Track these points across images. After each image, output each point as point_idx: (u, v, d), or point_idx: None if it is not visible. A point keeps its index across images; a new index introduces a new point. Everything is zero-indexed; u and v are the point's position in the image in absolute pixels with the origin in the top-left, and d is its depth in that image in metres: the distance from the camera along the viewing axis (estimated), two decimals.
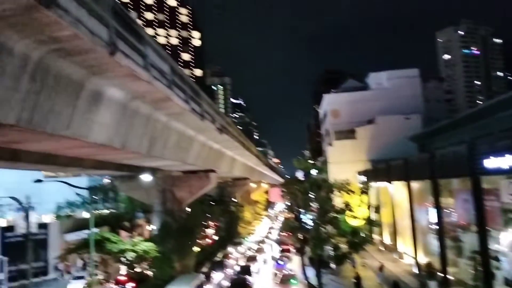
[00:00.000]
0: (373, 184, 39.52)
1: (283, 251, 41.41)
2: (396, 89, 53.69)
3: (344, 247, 24.23)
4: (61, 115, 9.52)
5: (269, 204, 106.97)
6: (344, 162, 47.98)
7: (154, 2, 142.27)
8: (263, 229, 68.63)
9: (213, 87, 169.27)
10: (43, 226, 36.27)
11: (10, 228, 33.26)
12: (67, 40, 7.71)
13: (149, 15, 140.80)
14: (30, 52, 7.60)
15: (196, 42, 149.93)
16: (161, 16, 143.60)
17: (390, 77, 55.78)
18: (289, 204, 30.09)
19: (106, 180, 44.58)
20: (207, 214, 44.03)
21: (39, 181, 26.90)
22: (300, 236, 26.61)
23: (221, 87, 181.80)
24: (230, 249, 44.19)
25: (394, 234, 33.83)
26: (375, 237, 39.28)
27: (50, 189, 39.41)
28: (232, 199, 57.77)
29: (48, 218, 41.62)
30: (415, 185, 28.20)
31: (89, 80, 10.15)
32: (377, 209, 32.38)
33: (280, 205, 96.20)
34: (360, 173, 44.41)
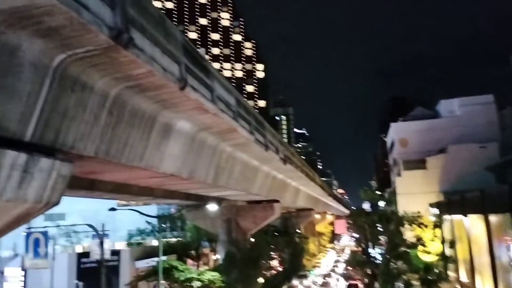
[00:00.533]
0: (447, 217, 37.18)
1: (350, 286, 39.78)
2: (469, 116, 50.80)
3: (416, 284, 22.80)
4: (135, 147, 10.08)
5: (335, 236, 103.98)
6: (414, 193, 45.68)
7: (220, 38, 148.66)
8: (328, 262, 66.57)
9: (276, 117, 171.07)
10: (115, 253, 37.92)
11: (86, 254, 35.12)
12: (142, 77, 8.24)
13: (215, 50, 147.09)
14: (109, 89, 8.19)
15: (260, 74, 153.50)
16: (227, 51, 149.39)
17: (462, 104, 52.99)
18: (356, 236, 29.06)
19: (174, 209, 45.98)
20: (271, 245, 43.70)
21: (113, 209, 28.33)
22: (368, 271, 25.50)
23: (284, 117, 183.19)
24: (295, 282, 43.24)
25: (471, 271, 31.25)
26: (451, 274, 36.57)
27: (122, 217, 41.34)
28: (297, 230, 56.95)
29: (120, 245, 43.52)
30: (493, 218, 26.11)
31: (161, 114, 10.70)
32: (452, 244, 30.30)
33: (346, 238, 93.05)
34: (432, 205, 41.99)
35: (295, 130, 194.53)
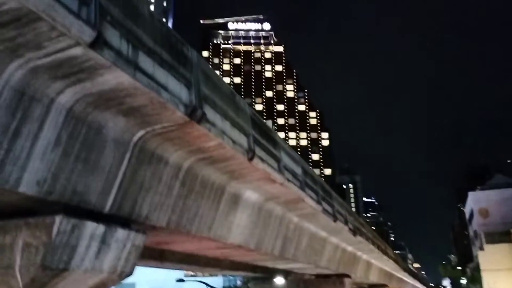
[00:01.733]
0: None
1: None
2: None
3: None
4: (205, 217, 10.25)
5: None
6: (500, 269, 41.32)
7: (286, 109, 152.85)
8: None
9: (343, 185, 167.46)
10: None
11: None
12: (213, 150, 8.57)
13: (281, 120, 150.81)
14: (182, 161, 8.58)
15: (325, 142, 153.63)
16: (292, 121, 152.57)
17: None
18: None
19: (240, 281, 45.06)
20: None
21: (181, 280, 28.38)
22: None
23: (351, 185, 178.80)
24: None
25: None
26: None
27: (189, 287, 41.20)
28: None
29: None
30: None
31: (229, 184, 10.92)
32: None
33: None
34: None
35: (364, 199, 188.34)
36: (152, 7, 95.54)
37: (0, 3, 4.25)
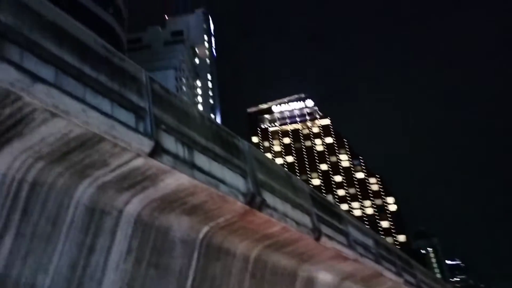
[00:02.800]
0: None
1: None
2: None
3: None
4: None
5: None
6: None
7: (344, 179, 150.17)
8: None
9: (421, 250, 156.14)
10: None
11: None
12: (278, 235, 8.44)
13: (341, 192, 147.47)
14: (249, 252, 8.48)
15: (392, 207, 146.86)
16: (352, 190, 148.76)
17: None
18: None
19: None
20: None
21: None
22: None
23: (430, 249, 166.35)
24: None
25: None
26: None
27: None
28: None
29: None
30: None
31: (300, 268, 10.53)
32: None
33: None
34: None
35: (447, 262, 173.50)
36: (200, 107, 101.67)
37: (67, 132, 4.71)
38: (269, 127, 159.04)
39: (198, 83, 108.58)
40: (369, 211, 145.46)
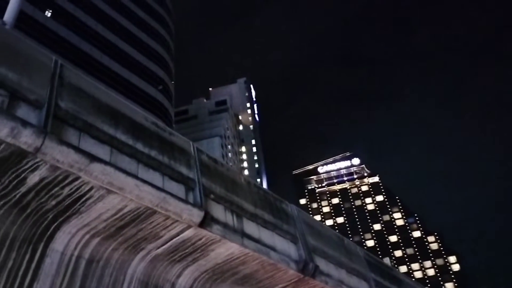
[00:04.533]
0: None
1: None
2: None
3: None
4: None
5: None
6: None
7: (399, 239, 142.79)
8: None
9: None
10: None
11: None
12: None
13: (398, 253, 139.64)
14: None
15: (455, 266, 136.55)
16: (410, 250, 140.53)
17: None
18: None
19: None
20: None
21: None
22: None
23: None
24: None
25: None
26: None
27: None
28: None
29: None
30: None
31: None
32: None
33: None
34: None
35: None
36: (246, 172, 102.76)
37: (122, 207, 4.88)
38: (316, 188, 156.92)
39: (243, 148, 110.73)
40: (431, 272, 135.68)
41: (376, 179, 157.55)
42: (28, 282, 4.60)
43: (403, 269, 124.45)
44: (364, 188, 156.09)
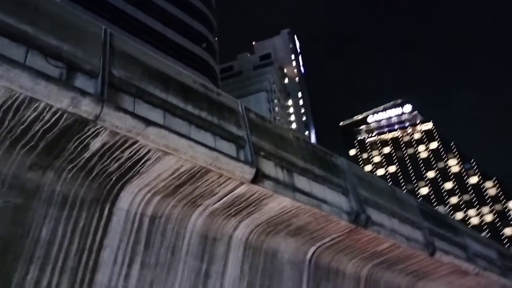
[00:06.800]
0: None
1: None
2: None
3: None
4: None
5: None
6: None
7: (455, 186, 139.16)
8: None
9: None
10: None
11: None
12: (388, 252, 8.14)
13: (454, 200, 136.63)
14: (359, 270, 8.28)
15: None
16: (466, 197, 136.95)
17: None
18: None
19: None
20: None
21: None
22: None
23: None
24: None
25: None
26: None
27: None
28: None
29: None
30: None
31: (416, 286, 9.98)
32: None
33: None
34: None
35: None
36: (294, 125, 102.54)
37: (178, 167, 5.14)
38: (367, 138, 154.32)
39: (290, 102, 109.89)
40: (489, 218, 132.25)
41: (429, 125, 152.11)
42: (99, 239, 5.04)
43: (459, 215, 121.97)
44: (417, 135, 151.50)
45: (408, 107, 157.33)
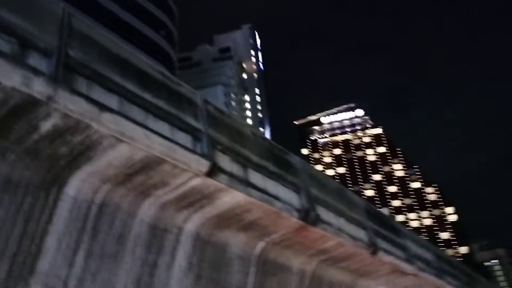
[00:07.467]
0: None
1: None
2: None
3: None
4: None
5: None
6: None
7: (398, 189, 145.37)
8: None
9: (486, 263, 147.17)
10: None
11: None
12: (333, 250, 8.39)
13: (396, 203, 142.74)
14: (304, 267, 8.48)
15: (452, 217, 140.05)
16: (408, 201, 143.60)
17: None
18: None
19: None
20: None
21: None
22: None
23: (496, 261, 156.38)
24: None
25: None
26: None
27: None
28: None
29: None
30: None
31: (357, 283, 10.36)
32: None
33: None
34: None
35: None
36: (249, 121, 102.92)
37: (131, 155, 5.03)
38: (319, 138, 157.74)
39: (247, 97, 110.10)
40: (427, 222, 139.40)
41: (379, 130, 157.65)
42: (43, 225, 4.84)
43: (400, 218, 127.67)
44: (367, 139, 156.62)
45: (360, 112, 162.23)
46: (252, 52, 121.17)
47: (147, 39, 42.84)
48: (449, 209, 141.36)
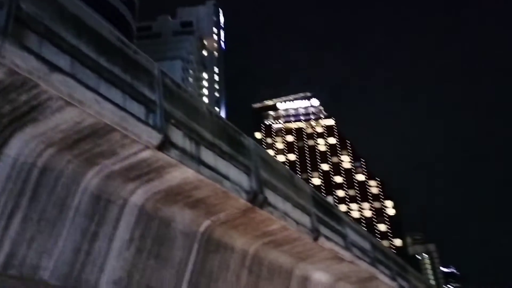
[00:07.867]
0: None
1: None
2: None
3: None
4: None
5: None
6: None
7: (344, 180, 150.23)
8: None
9: (417, 256, 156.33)
10: None
11: None
12: (277, 233, 8.56)
13: (340, 193, 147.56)
14: (247, 247, 8.60)
15: (390, 211, 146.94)
16: (352, 192, 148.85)
17: None
18: None
19: None
20: None
21: None
22: None
23: (427, 255, 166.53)
24: None
25: None
26: None
27: None
28: None
29: None
30: None
31: (297, 267, 10.66)
32: None
33: None
34: None
35: (442, 269, 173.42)
36: (205, 99, 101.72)
37: (80, 120, 4.83)
38: (273, 124, 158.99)
39: (205, 75, 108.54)
40: (367, 213, 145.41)
41: (331, 122, 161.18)
42: None
43: (343, 208, 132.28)
44: (319, 129, 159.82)
45: (315, 101, 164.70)
46: (215, 30, 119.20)
47: (104, 2, 40.98)
48: (389, 203, 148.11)
